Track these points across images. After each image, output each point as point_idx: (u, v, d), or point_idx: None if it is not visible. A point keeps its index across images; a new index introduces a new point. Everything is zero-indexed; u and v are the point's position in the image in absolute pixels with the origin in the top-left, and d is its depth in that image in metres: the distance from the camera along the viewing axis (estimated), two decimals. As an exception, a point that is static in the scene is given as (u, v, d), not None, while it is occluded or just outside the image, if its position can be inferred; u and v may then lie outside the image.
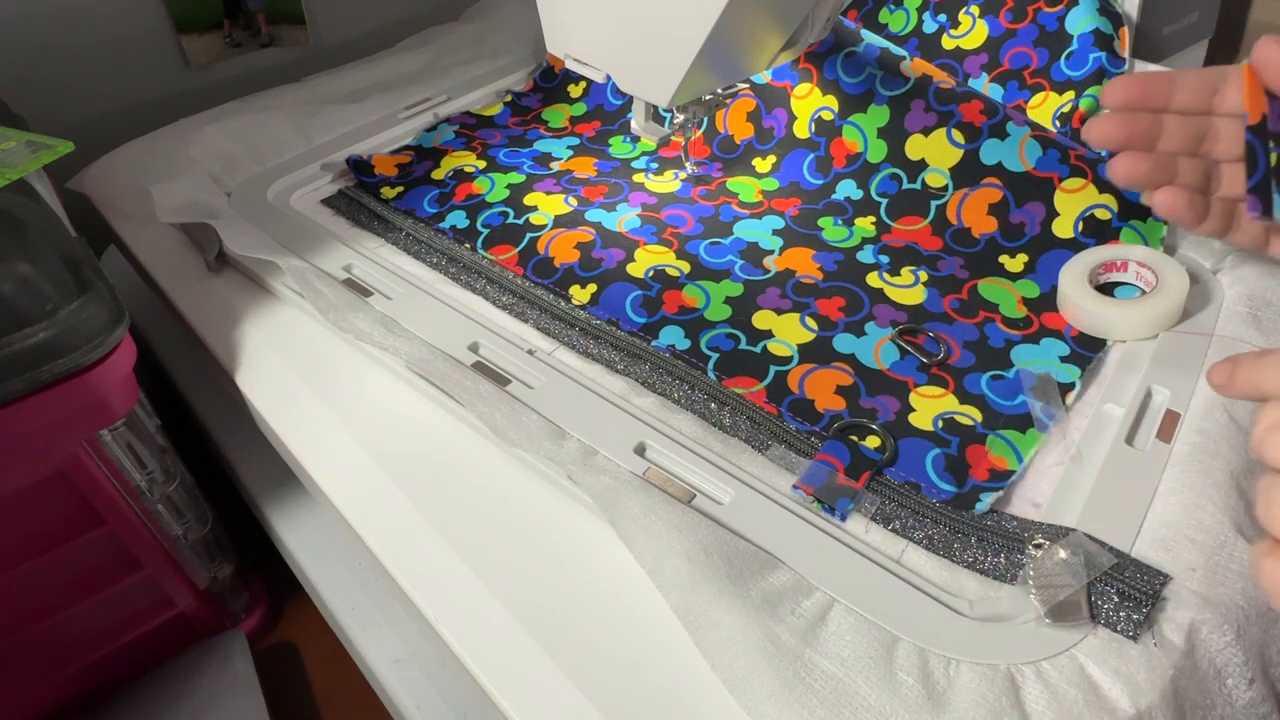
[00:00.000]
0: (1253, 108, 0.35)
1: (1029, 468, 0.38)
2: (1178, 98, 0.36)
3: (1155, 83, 0.36)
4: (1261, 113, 0.34)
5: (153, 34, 0.73)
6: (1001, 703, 0.28)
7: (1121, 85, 0.36)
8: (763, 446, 0.39)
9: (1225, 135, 0.36)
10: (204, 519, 0.56)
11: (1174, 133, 0.36)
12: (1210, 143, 0.36)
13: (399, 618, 0.54)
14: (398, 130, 0.66)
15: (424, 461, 0.41)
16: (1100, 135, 0.36)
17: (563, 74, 0.71)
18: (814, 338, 0.45)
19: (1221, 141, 0.36)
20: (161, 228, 0.57)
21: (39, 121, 0.57)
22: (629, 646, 0.33)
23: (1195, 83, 0.36)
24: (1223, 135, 0.36)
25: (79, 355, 0.39)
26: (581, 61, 0.48)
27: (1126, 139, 0.36)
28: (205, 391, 0.63)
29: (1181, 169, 0.36)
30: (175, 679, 0.57)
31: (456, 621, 0.34)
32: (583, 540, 0.37)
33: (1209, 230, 0.37)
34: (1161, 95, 0.36)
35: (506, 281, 0.50)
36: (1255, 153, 0.35)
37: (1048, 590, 0.31)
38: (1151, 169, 0.36)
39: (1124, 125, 0.36)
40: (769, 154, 0.60)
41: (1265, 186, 0.35)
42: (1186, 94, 0.36)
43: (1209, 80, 0.36)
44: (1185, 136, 0.36)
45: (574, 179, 0.59)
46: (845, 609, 0.32)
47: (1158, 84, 0.36)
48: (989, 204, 0.51)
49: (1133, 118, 0.36)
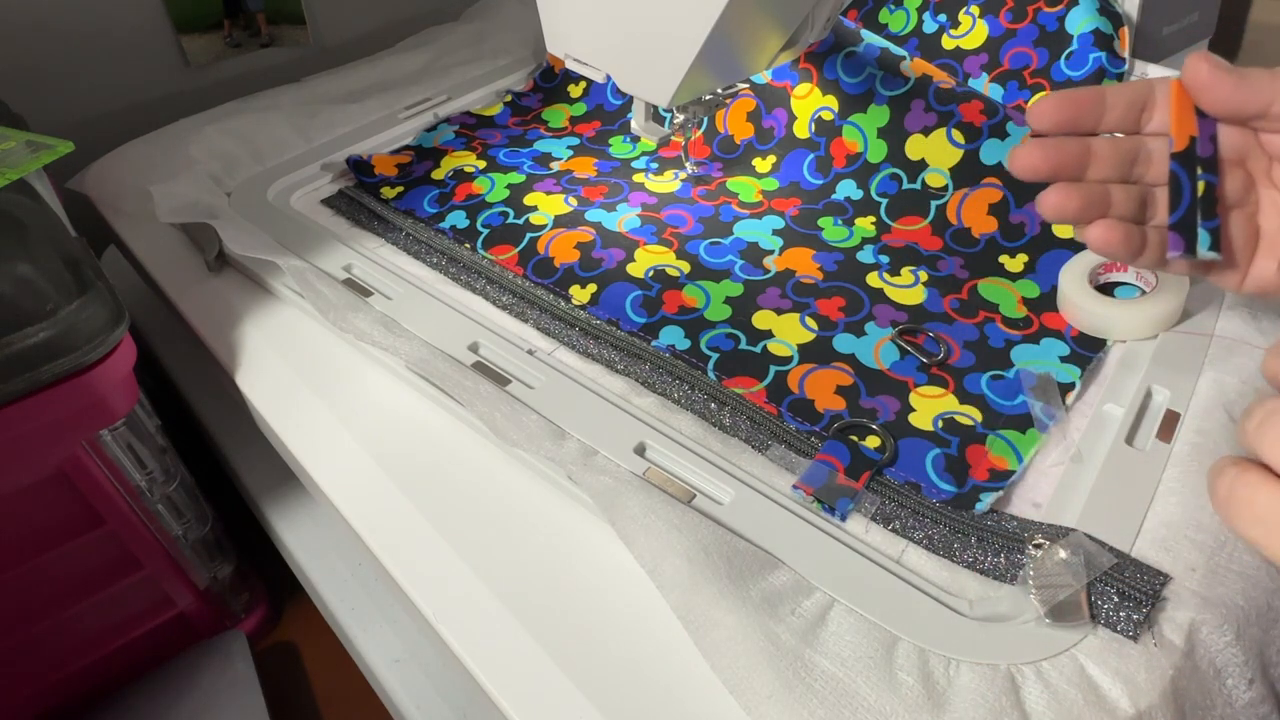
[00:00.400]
0: (1179, 131, 0.32)
1: (1029, 468, 0.38)
2: (1108, 117, 0.33)
3: (1086, 102, 0.33)
4: (1189, 136, 0.32)
5: (153, 34, 0.73)
6: (1001, 703, 0.28)
7: (1051, 106, 0.33)
8: (763, 446, 0.39)
9: (1158, 158, 0.34)
10: (204, 519, 0.56)
11: (1104, 158, 0.33)
12: (1142, 165, 0.34)
13: (399, 618, 0.54)
14: (398, 130, 0.66)
15: (424, 461, 0.41)
16: (1025, 165, 0.33)
17: (563, 74, 0.71)
18: (814, 338, 0.45)
19: (1154, 165, 0.34)
20: (161, 228, 0.57)
21: (39, 121, 0.57)
22: (629, 646, 0.33)
23: (1125, 99, 0.33)
24: (1155, 158, 0.34)
25: (79, 355, 0.39)
26: (581, 61, 0.48)
27: (1054, 169, 0.33)
28: (205, 391, 0.63)
29: (1115, 198, 0.33)
30: (175, 679, 0.57)
31: (456, 621, 0.34)
32: (583, 540, 0.37)
33: (1147, 263, 0.34)
34: (1092, 115, 0.33)
35: (506, 281, 0.50)
36: (1179, 184, 0.32)
37: (1048, 590, 0.31)
38: (1084, 202, 0.33)
39: (1052, 154, 0.33)
40: (769, 154, 0.60)
41: (1189, 222, 0.32)
42: (1116, 112, 0.33)
43: (1138, 96, 0.33)
44: (1116, 161, 0.33)
45: (574, 179, 0.59)
46: (845, 609, 0.32)
47: (1088, 103, 0.33)
48: (989, 204, 0.51)
49: (1060, 145, 0.33)
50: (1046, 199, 0.33)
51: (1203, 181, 0.32)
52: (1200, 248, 0.31)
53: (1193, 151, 0.32)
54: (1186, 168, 0.32)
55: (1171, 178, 0.32)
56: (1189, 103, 0.32)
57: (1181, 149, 0.32)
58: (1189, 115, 0.32)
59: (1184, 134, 0.32)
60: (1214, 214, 0.32)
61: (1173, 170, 0.32)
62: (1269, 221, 0.33)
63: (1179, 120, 0.32)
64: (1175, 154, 0.32)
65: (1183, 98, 0.32)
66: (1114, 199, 0.33)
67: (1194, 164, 0.32)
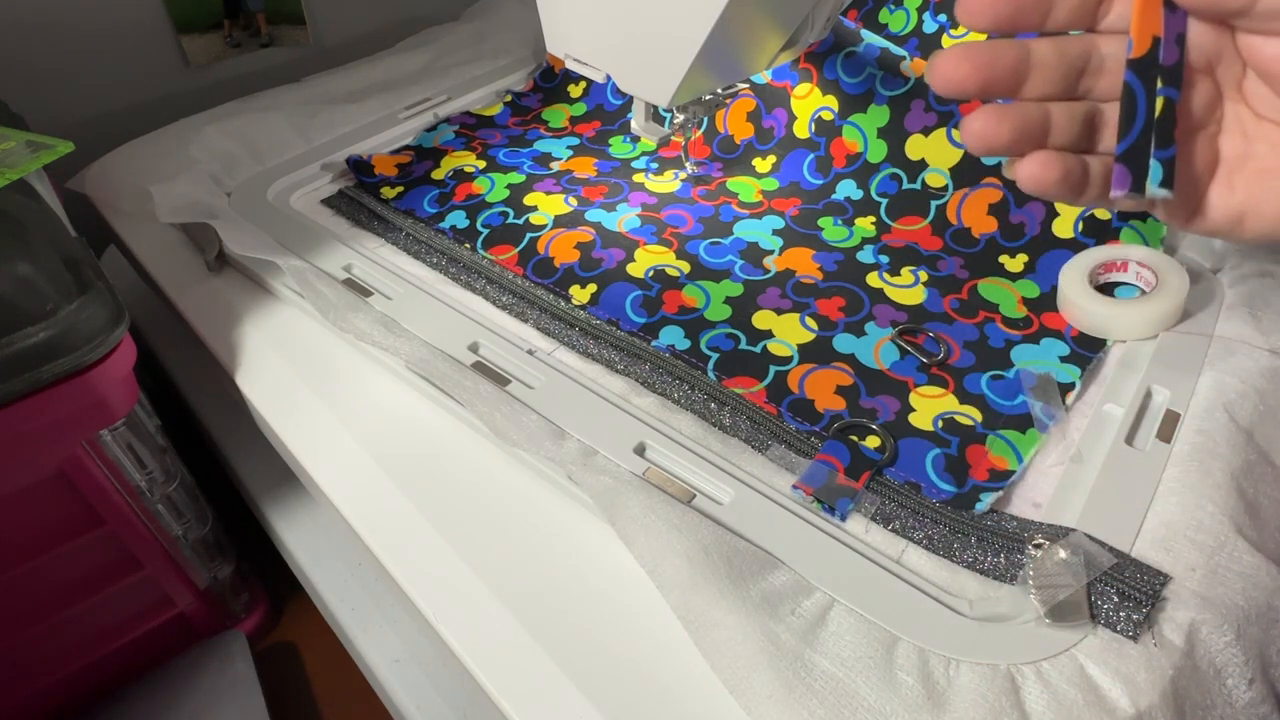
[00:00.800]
0: (1140, 31, 0.25)
1: (1029, 468, 0.38)
2: (1057, 12, 0.26)
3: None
4: (1151, 37, 0.25)
5: (153, 34, 0.73)
6: (1001, 703, 0.28)
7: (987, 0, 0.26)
8: (763, 446, 0.39)
9: (1111, 65, 0.27)
10: (204, 519, 0.56)
11: (1046, 68, 0.27)
12: (1092, 76, 0.27)
13: (399, 618, 0.54)
14: (398, 130, 0.66)
15: (424, 461, 0.41)
16: (948, 78, 0.26)
17: (563, 74, 0.71)
18: (814, 338, 0.45)
19: (1105, 75, 0.27)
20: (161, 228, 0.57)
21: (39, 121, 0.57)
22: (629, 646, 0.33)
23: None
24: (1108, 65, 0.27)
25: (79, 355, 0.39)
26: (581, 61, 0.48)
27: (984, 83, 0.26)
28: (205, 391, 0.63)
29: (1056, 121, 0.27)
30: (175, 679, 0.57)
31: (456, 621, 0.34)
32: (583, 540, 0.37)
33: (1088, 201, 0.28)
34: (1037, 11, 0.26)
35: (506, 281, 0.50)
36: (1133, 99, 0.26)
37: (1048, 590, 0.31)
38: (1015, 132, 0.26)
39: (981, 63, 0.26)
40: (769, 154, 0.60)
41: (1139, 151, 0.26)
42: (1067, 5, 0.26)
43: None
44: (1061, 71, 0.27)
45: (574, 179, 0.59)
46: (845, 609, 0.32)
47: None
48: (989, 204, 0.51)
49: (992, 51, 0.26)
50: (971, 124, 0.26)
51: (1162, 97, 0.26)
52: (1150, 183, 0.26)
53: (1154, 57, 0.26)
54: (1144, 79, 0.26)
55: (1125, 91, 0.26)
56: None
57: (1140, 54, 0.26)
58: (1154, 9, 0.26)
59: (1145, 34, 0.26)
60: (1170, 140, 0.26)
61: (1127, 82, 0.26)
62: (1231, 145, 0.27)
63: (1141, 15, 0.26)
64: (1132, 61, 0.26)
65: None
66: (1054, 122, 0.27)
67: (1154, 74, 0.26)
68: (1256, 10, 0.24)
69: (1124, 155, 0.26)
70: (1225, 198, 0.27)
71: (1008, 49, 0.26)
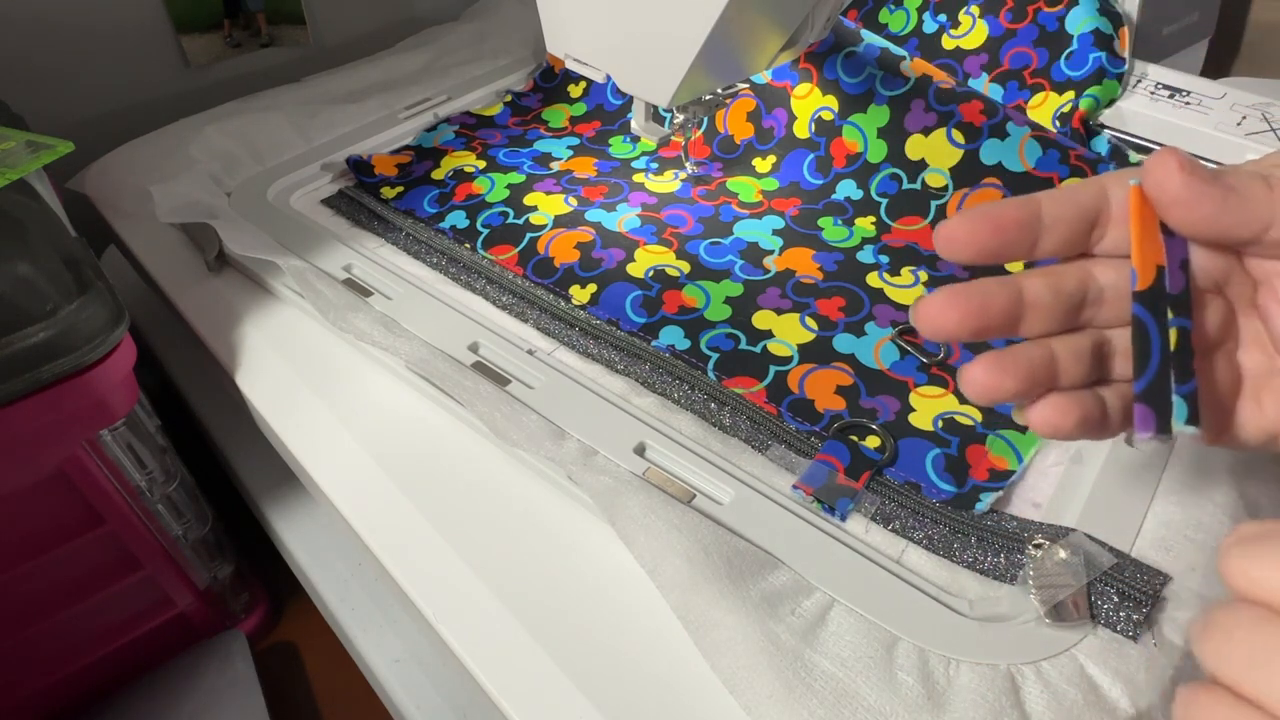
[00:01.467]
0: (1143, 261, 0.24)
1: (1029, 468, 0.38)
2: (1045, 241, 0.24)
3: (1013, 223, 0.24)
4: (1155, 267, 0.24)
5: (153, 34, 0.73)
6: (1001, 703, 0.28)
7: (966, 231, 0.24)
8: (763, 446, 0.39)
9: (1112, 295, 0.25)
10: (204, 519, 0.56)
11: (1041, 308, 0.24)
12: (1092, 309, 0.25)
13: (399, 618, 0.54)
14: (398, 130, 0.66)
15: (424, 461, 0.41)
16: (936, 323, 0.24)
17: (563, 74, 0.71)
18: (814, 338, 0.45)
19: (1107, 304, 0.25)
20: (161, 228, 0.57)
21: (39, 121, 0.57)
22: (629, 646, 0.33)
23: (1069, 213, 0.24)
24: (1107, 296, 0.25)
25: (79, 355, 0.39)
26: (581, 61, 0.48)
27: (975, 329, 0.24)
28: (205, 391, 0.63)
29: (1062, 361, 0.25)
30: (175, 679, 0.57)
31: (456, 621, 0.34)
32: (583, 540, 0.37)
33: (1113, 434, 0.26)
34: (1023, 241, 0.24)
35: (506, 281, 0.50)
36: (1146, 335, 0.24)
37: (1048, 590, 0.31)
38: (1021, 381, 0.24)
39: (971, 309, 0.24)
40: (769, 154, 0.60)
41: (1159, 389, 0.23)
42: (1057, 233, 0.24)
43: (1086, 207, 0.25)
44: (1057, 309, 0.25)
45: (574, 179, 0.59)
46: (845, 609, 0.32)
47: (1016, 224, 0.24)
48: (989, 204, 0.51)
49: (981, 297, 0.24)
50: (973, 376, 0.24)
51: (1175, 329, 0.24)
52: (1176, 422, 0.23)
53: (1161, 287, 0.24)
54: (1154, 312, 0.24)
55: (1136, 328, 0.24)
56: (1153, 218, 0.24)
57: (1146, 285, 0.24)
58: (1153, 236, 0.24)
59: (1149, 264, 0.24)
60: (1190, 372, 0.24)
61: (1137, 317, 0.24)
62: (1253, 360, 0.25)
63: (1142, 245, 0.24)
64: (1139, 293, 0.24)
65: (1145, 212, 0.24)
66: (1060, 362, 0.25)
67: (1163, 305, 0.24)
68: (1267, 239, 0.23)
69: (1144, 395, 0.24)
70: (1255, 416, 0.25)
71: (998, 292, 0.24)
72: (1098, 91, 0.60)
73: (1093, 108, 0.60)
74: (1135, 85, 0.63)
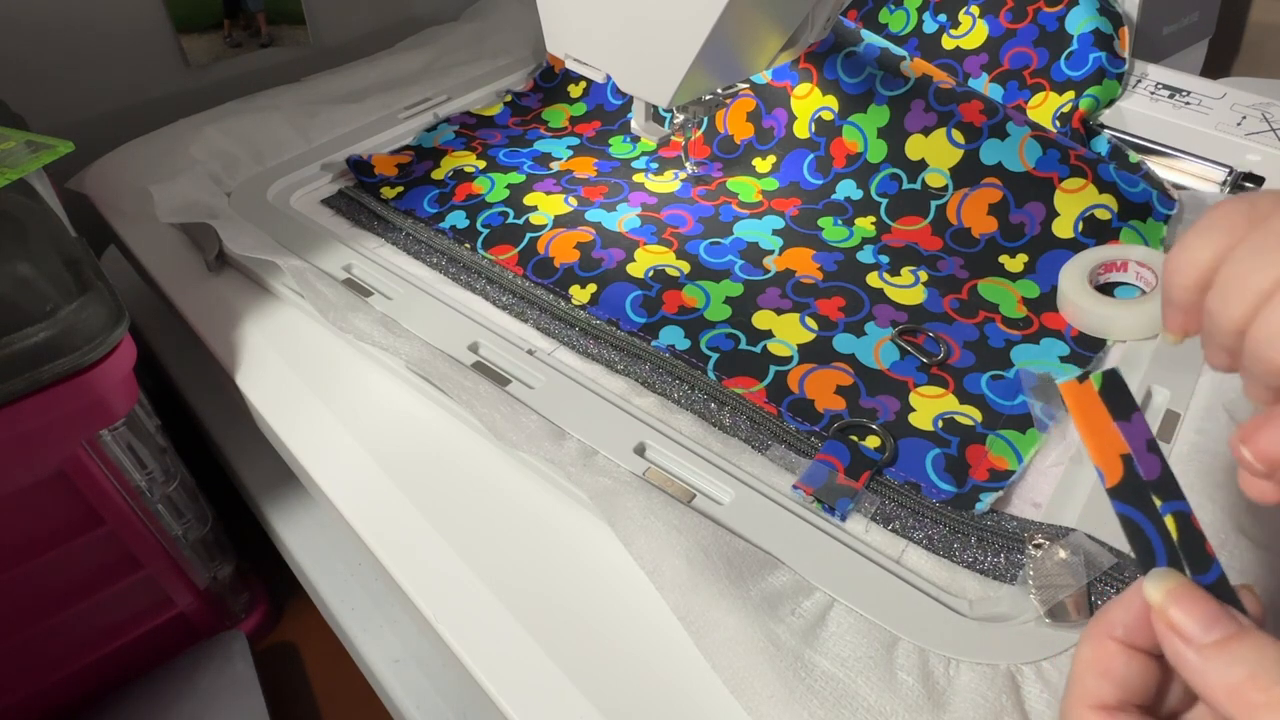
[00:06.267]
0: (1103, 454, 0.21)
1: (1029, 468, 0.38)
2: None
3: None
4: (1119, 456, 0.21)
5: (153, 34, 0.73)
6: (1002, 703, 0.28)
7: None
8: (763, 446, 0.39)
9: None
10: (204, 519, 0.56)
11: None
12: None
13: (399, 618, 0.54)
14: (398, 130, 0.66)
15: (424, 461, 0.41)
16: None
17: (563, 74, 0.71)
18: (814, 338, 0.45)
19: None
20: (161, 228, 0.57)
21: (39, 121, 0.57)
22: (629, 646, 0.33)
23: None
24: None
25: (79, 355, 0.39)
26: (581, 61, 0.48)
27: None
28: (205, 391, 0.63)
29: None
30: (175, 679, 0.57)
31: (456, 621, 0.34)
32: (583, 540, 0.37)
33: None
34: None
35: (506, 281, 0.50)
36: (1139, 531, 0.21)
37: (1048, 590, 0.31)
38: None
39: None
40: (769, 154, 0.60)
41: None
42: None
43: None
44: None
45: (574, 179, 0.59)
46: (845, 609, 0.32)
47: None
48: (989, 204, 0.51)
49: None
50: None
51: (1170, 516, 0.21)
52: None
53: (1134, 477, 0.21)
54: (1138, 505, 0.21)
55: (1126, 528, 0.21)
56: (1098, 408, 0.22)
57: (1117, 481, 0.22)
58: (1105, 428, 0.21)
59: (1110, 456, 0.22)
60: (1208, 558, 0.21)
61: (1121, 515, 0.21)
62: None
63: (1097, 440, 0.22)
64: (1112, 490, 0.22)
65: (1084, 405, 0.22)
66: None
67: (1145, 494, 0.21)
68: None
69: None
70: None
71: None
72: (1098, 91, 0.60)
73: (1093, 108, 0.60)
74: (1135, 85, 0.63)
